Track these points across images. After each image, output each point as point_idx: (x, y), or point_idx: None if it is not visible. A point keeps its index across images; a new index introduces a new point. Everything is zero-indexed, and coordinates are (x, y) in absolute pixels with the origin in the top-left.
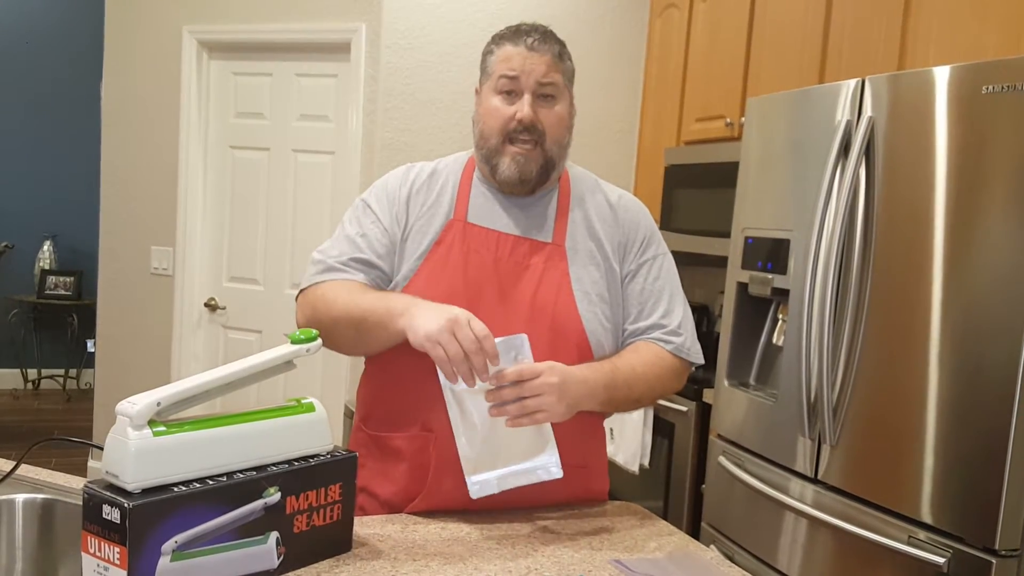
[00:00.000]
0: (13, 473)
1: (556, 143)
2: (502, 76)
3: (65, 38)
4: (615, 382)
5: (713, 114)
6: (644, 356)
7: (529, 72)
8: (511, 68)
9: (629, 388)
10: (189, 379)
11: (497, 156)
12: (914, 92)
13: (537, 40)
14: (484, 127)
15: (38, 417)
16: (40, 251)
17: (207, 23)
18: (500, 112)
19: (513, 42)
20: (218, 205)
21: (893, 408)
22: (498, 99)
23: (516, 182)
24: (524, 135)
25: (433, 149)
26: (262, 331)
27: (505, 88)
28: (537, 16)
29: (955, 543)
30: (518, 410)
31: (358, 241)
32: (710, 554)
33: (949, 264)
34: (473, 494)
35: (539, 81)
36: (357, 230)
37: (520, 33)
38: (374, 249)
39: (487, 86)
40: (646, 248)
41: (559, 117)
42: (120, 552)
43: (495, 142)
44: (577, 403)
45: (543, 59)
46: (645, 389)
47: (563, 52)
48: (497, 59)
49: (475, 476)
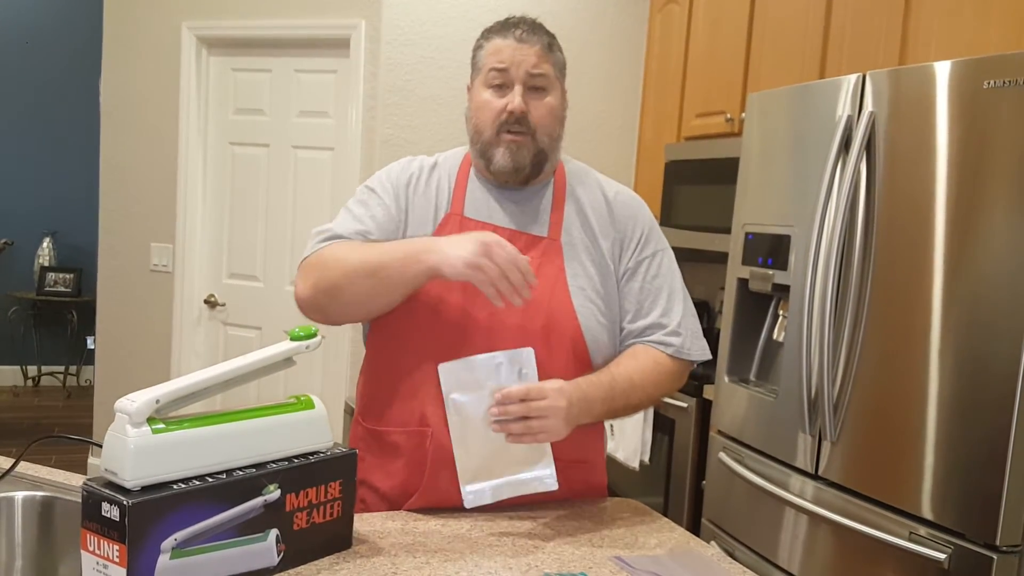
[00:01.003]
0: (13, 470)
1: (547, 135)
2: (492, 69)
3: (64, 34)
4: (613, 394)
5: (713, 110)
6: (642, 363)
7: (519, 63)
8: (500, 60)
9: (627, 398)
10: (189, 376)
11: (491, 148)
12: (915, 87)
13: (525, 31)
14: (477, 121)
15: (38, 414)
16: (40, 248)
17: (206, 19)
18: (491, 105)
19: (502, 35)
20: (218, 202)
21: (894, 404)
22: (489, 92)
23: (511, 171)
24: (516, 126)
25: (433, 145)
26: (262, 328)
27: (495, 81)
28: (537, 12)
29: (956, 539)
30: (522, 429)
31: (366, 221)
32: (711, 550)
33: (950, 259)
34: (467, 503)
35: (529, 72)
36: (364, 211)
37: (508, 26)
38: (382, 229)
39: (478, 80)
40: (644, 245)
41: (550, 108)
42: (119, 550)
43: (488, 135)
44: (577, 421)
45: (532, 50)
46: (643, 397)
47: (552, 43)
48: (486, 53)
49: (471, 486)
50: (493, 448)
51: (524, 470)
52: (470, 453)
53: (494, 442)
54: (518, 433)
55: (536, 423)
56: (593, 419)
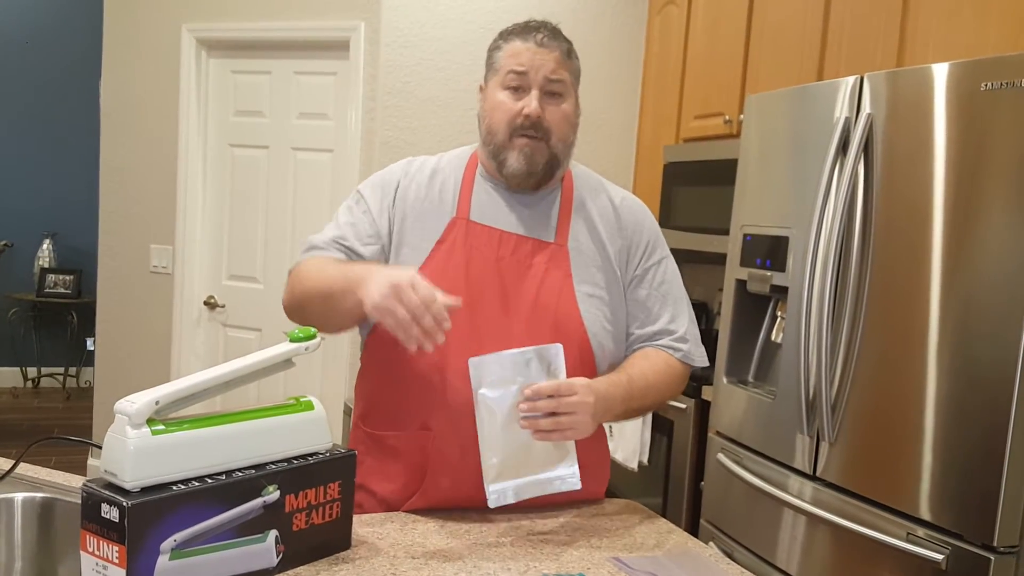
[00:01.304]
0: (12, 472)
1: (561, 141)
2: (511, 71)
3: (64, 36)
4: (631, 394)
5: (712, 111)
6: (656, 364)
7: (538, 68)
8: (520, 63)
9: (643, 398)
10: (188, 377)
11: (504, 151)
12: (913, 89)
13: (547, 37)
14: (491, 122)
15: (37, 415)
16: (40, 249)
17: (206, 21)
18: (507, 107)
19: (522, 38)
20: (217, 203)
21: (892, 405)
22: (505, 94)
23: (524, 175)
24: (531, 130)
25: (432, 146)
26: (261, 329)
27: (513, 83)
28: (536, 13)
29: (954, 540)
30: (551, 425)
31: (345, 229)
32: (709, 551)
33: (948, 261)
34: (491, 503)
35: (548, 77)
36: (347, 219)
37: (529, 29)
38: (359, 237)
39: (494, 81)
40: (651, 253)
41: (565, 115)
42: (119, 551)
43: (502, 137)
44: (601, 419)
45: (552, 55)
46: (656, 398)
47: (571, 51)
48: (505, 54)
49: (495, 485)
50: (519, 445)
51: (548, 469)
52: (495, 450)
53: (520, 439)
54: (547, 429)
55: (566, 419)
56: (613, 418)
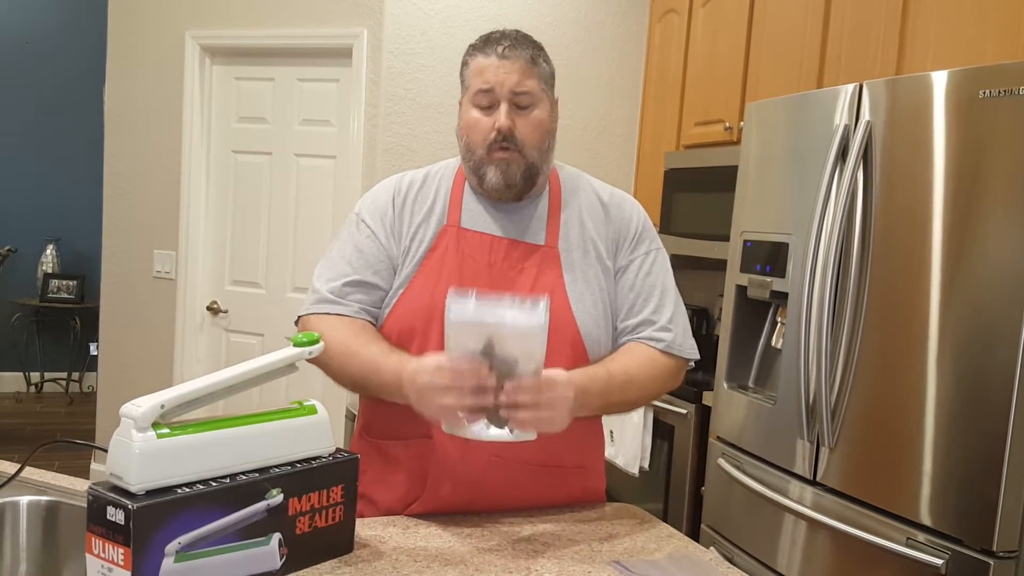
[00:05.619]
0: (17, 475)
1: (536, 149)
2: (478, 90)
3: (68, 43)
4: (609, 388)
5: (712, 118)
6: (638, 359)
7: (502, 82)
8: (485, 81)
9: (622, 393)
10: (193, 381)
11: (484, 166)
12: (912, 97)
13: (508, 47)
14: (468, 140)
15: (41, 420)
16: (43, 255)
17: (209, 28)
18: (481, 124)
19: (484, 52)
20: (220, 209)
21: (892, 410)
22: (477, 111)
23: (503, 188)
24: (504, 143)
25: (435, 153)
26: (264, 334)
27: (483, 103)
28: (536, 21)
29: (953, 545)
30: (530, 417)
31: (353, 260)
32: (710, 556)
33: (947, 267)
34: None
35: (513, 91)
36: (352, 247)
37: (491, 42)
38: (370, 266)
39: (466, 99)
40: (637, 244)
41: (536, 123)
42: (124, 553)
43: (480, 153)
44: (577, 413)
45: (515, 66)
46: (639, 392)
47: (536, 56)
48: (471, 72)
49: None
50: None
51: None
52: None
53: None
54: (527, 420)
55: (545, 413)
56: (589, 412)
